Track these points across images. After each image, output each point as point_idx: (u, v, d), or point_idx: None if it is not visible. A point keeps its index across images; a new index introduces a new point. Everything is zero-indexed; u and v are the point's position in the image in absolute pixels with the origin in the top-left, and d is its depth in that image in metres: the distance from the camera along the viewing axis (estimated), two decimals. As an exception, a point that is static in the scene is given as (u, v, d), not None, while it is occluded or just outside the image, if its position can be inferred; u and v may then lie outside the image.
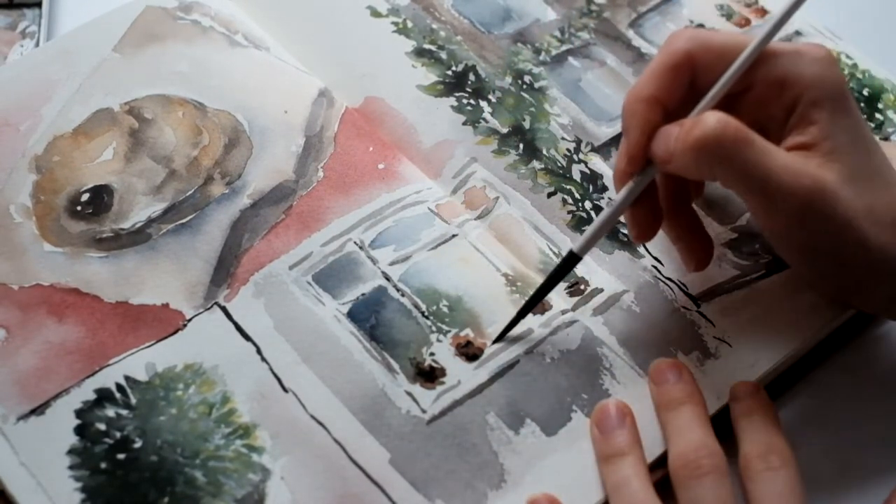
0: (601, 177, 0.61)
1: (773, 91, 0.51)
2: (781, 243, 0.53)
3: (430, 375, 0.53)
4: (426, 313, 0.55)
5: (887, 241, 0.50)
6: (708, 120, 0.49)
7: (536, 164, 0.61)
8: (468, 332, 0.54)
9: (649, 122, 0.51)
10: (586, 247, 0.53)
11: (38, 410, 0.51)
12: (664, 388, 0.52)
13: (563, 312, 0.55)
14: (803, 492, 0.49)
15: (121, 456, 0.50)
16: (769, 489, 0.49)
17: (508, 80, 0.64)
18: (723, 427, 0.52)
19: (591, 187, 0.60)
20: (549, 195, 0.60)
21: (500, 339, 0.54)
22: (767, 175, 0.49)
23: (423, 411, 0.52)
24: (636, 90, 0.51)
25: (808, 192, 0.49)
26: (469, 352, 0.54)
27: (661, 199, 0.54)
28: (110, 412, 0.51)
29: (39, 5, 0.68)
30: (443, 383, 0.53)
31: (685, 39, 0.51)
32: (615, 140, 0.62)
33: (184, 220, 0.57)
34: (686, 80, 0.51)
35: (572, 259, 0.54)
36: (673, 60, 0.51)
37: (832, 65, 0.51)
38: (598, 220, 0.53)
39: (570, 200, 0.60)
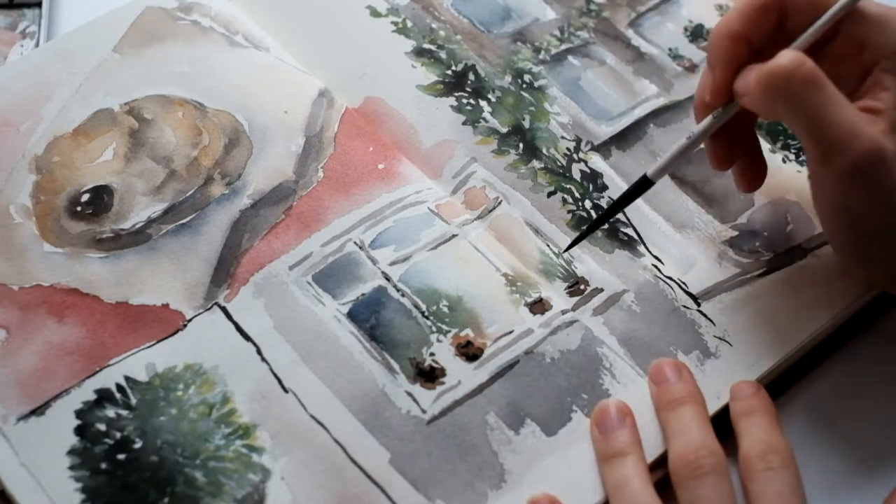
0: (601, 175, 0.61)
1: (853, 49, 0.51)
2: (821, 197, 0.52)
3: (430, 375, 0.53)
4: (426, 313, 0.55)
5: None
6: (783, 57, 0.49)
7: (536, 164, 0.61)
8: (468, 332, 0.54)
9: (735, 58, 0.52)
10: (660, 173, 0.55)
11: (39, 411, 0.51)
12: (664, 388, 0.52)
13: (563, 312, 0.55)
14: (803, 492, 0.49)
15: (121, 456, 0.50)
16: (769, 489, 0.49)
17: (508, 79, 0.64)
18: (723, 427, 0.52)
19: (590, 186, 0.60)
20: (549, 195, 0.59)
21: (567, 249, 0.57)
22: (827, 124, 0.48)
23: (424, 411, 0.52)
24: (723, 25, 0.52)
25: (863, 154, 0.48)
26: (469, 352, 0.54)
27: None
28: (110, 412, 0.51)
29: (39, 5, 0.68)
30: (443, 383, 0.53)
31: None
32: (615, 139, 0.62)
33: (184, 221, 0.57)
34: (774, 20, 0.52)
35: (645, 183, 0.55)
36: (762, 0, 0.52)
37: None
38: (676, 146, 0.54)
39: (569, 200, 0.60)
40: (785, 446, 0.50)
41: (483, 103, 0.63)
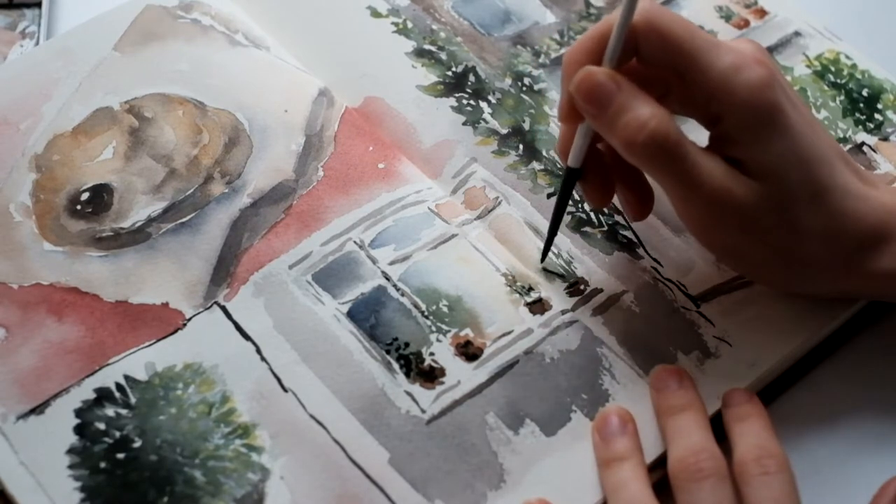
0: (601, 178, 0.61)
1: (701, 98, 0.50)
2: (701, 236, 0.53)
3: (429, 375, 0.53)
4: (426, 313, 0.55)
5: (819, 254, 0.51)
6: (644, 128, 0.48)
7: (536, 165, 0.61)
8: (468, 332, 0.54)
9: None
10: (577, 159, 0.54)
11: (38, 410, 0.51)
12: (665, 395, 0.52)
13: (563, 312, 0.55)
14: (798, 497, 0.49)
15: (120, 455, 0.50)
16: (765, 493, 0.48)
17: (508, 81, 0.64)
18: (722, 429, 0.52)
19: (590, 188, 0.60)
20: (549, 196, 0.59)
21: (544, 258, 0.57)
22: (695, 186, 0.49)
23: (423, 411, 0.52)
24: (574, 51, 0.51)
25: (728, 207, 0.50)
26: (469, 352, 0.54)
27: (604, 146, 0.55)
28: (110, 411, 0.51)
29: (39, 5, 0.68)
30: (442, 383, 0.53)
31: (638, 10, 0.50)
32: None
33: (184, 220, 0.57)
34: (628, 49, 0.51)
35: (573, 173, 0.54)
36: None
37: (764, 89, 0.49)
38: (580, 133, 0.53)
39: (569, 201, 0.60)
40: (780, 451, 0.50)
41: (483, 104, 0.63)
